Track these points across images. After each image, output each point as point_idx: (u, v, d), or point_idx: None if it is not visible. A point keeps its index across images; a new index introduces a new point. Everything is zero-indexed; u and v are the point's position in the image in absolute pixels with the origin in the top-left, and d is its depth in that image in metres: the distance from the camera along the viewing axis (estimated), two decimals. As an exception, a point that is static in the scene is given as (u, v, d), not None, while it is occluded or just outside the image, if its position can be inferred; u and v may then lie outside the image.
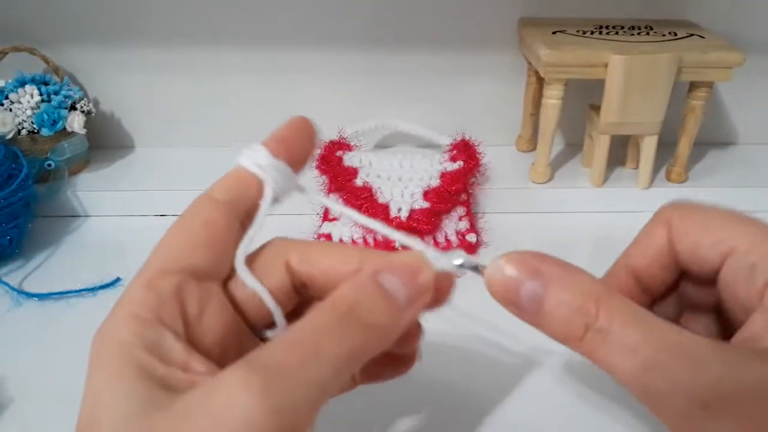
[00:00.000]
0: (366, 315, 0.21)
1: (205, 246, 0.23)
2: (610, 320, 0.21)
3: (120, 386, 0.19)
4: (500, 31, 0.62)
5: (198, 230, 0.23)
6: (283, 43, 0.62)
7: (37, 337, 0.44)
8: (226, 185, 0.24)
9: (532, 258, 0.23)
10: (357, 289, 0.21)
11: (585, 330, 0.21)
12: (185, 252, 0.22)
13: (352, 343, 0.20)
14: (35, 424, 0.37)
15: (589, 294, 0.22)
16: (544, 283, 0.22)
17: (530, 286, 0.22)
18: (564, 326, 0.21)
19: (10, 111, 0.57)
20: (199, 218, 0.23)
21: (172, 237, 0.23)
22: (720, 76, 0.54)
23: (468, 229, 0.53)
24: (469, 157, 0.56)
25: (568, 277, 0.22)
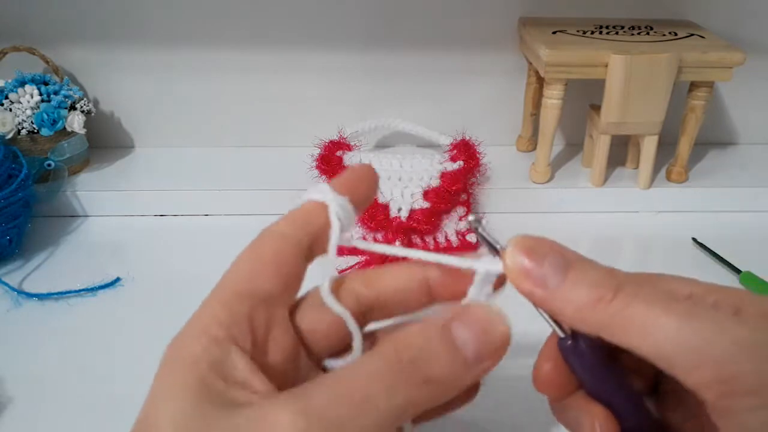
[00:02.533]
0: (428, 368, 0.20)
1: (275, 274, 0.23)
2: (640, 284, 0.21)
3: (178, 395, 0.20)
4: (500, 31, 0.62)
5: (269, 259, 0.23)
6: (283, 43, 0.62)
7: (36, 337, 0.44)
8: (292, 220, 0.25)
9: (549, 240, 0.24)
10: (424, 338, 0.21)
11: (615, 291, 0.21)
12: (257, 278, 0.23)
13: (408, 398, 0.19)
14: (35, 424, 0.37)
15: (612, 270, 0.22)
16: (568, 256, 0.23)
17: (555, 258, 0.22)
18: (593, 289, 0.21)
19: (9, 111, 0.57)
20: (269, 248, 0.24)
21: (244, 263, 0.24)
22: (720, 76, 0.54)
23: (468, 229, 0.53)
24: (469, 157, 0.56)
25: (587, 259, 0.23)
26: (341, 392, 0.19)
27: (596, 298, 0.21)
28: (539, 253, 0.23)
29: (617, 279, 0.21)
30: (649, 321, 0.20)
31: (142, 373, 0.22)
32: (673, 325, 0.20)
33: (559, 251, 0.23)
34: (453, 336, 0.21)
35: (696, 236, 0.54)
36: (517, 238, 0.23)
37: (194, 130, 0.66)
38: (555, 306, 0.22)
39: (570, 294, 0.21)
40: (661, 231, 0.57)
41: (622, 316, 0.20)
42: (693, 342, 0.19)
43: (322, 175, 0.56)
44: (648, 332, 0.20)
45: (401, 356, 0.20)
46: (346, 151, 0.57)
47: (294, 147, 0.62)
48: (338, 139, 0.58)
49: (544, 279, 0.22)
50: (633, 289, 0.21)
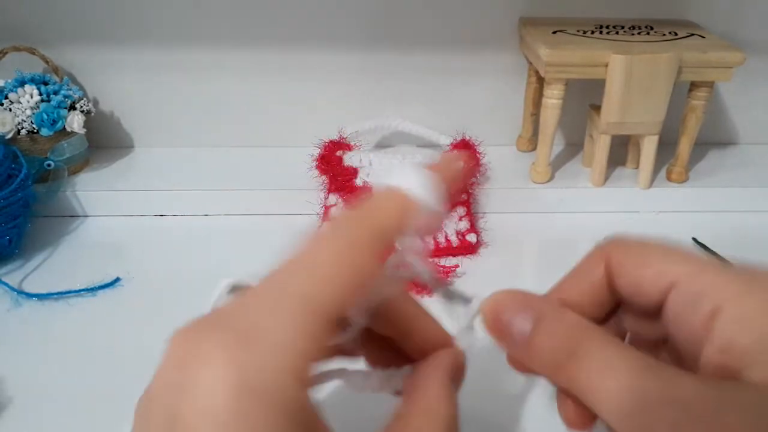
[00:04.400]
0: None
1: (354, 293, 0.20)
2: (594, 346, 0.21)
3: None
4: (500, 30, 0.62)
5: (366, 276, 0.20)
6: (283, 43, 0.62)
7: (36, 337, 0.44)
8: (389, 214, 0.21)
9: (521, 295, 0.24)
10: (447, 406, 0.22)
11: (568, 357, 0.21)
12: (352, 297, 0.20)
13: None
14: (35, 424, 0.37)
15: (576, 326, 0.22)
16: (534, 318, 0.23)
17: (520, 322, 0.23)
18: (551, 355, 0.22)
19: (9, 111, 0.57)
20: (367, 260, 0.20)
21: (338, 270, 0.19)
22: (720, 76, 0.54)
23: (468, 229, 0.53)
24: (469, 157, 0.56)
25: (556, 312, 0.23)
26: None
27: (554, 365, 0.22)
28: (510, 311, 0.23)
29: (575, 341, 0.22)
30: (593, 391, 0.21)
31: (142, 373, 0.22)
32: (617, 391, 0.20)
33: (529, 307, 0.23)
34: None
35: (696, 236, 0.54)
36: (494, 294, 0.24)
37: (194, 130, 0.66)
38: (528, 363, 0.23)
39: (535, 356, 0.22)
40: (661, 231, 0.57)
41: (576, 383, 0.21)
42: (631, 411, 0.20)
43: (322, 174, 0.56)
44: (598, 397, 0.21)
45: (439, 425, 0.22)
46: (346, 151, 0.57)
47: (294, 147, 0.62)
48: (338, 139, 0.58)
49: (515, 339, 0.23)
50: (584, 354, 0.21)
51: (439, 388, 0.23)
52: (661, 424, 0.19)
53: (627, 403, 0.19)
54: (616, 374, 0.20)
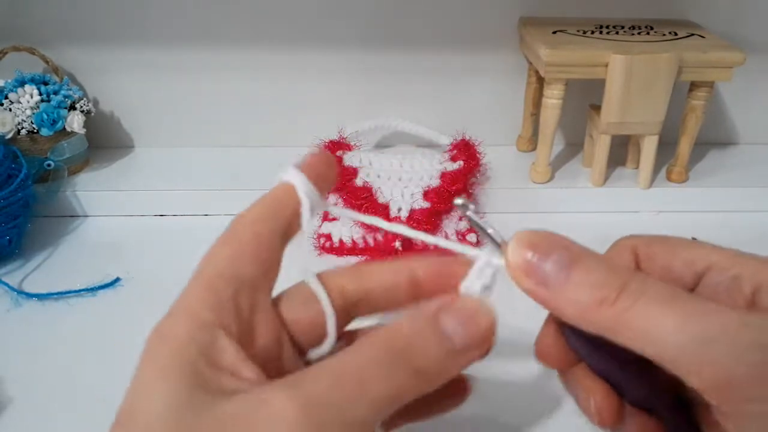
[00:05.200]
0: (418, 358, 0.20)
1: (255, 258, 0.23)
2: (646, 281, 0.20)
3: (163, 383, 0.19)
4: (500, 30, 0.62)
5: (247, 243, 0.23)
6: (283, 43, 0.62)
7: (36, 337, 0.44)
8: (263, 204, 0.25)
9: (554, 234, 0.23)
10: (413, 328, 0.21)
11: (620, 290, 0.20)
12: (238, 262, 0.23)
13: (399, 385, 0.20)
14: (34, 424, 0.37)
15: (619, 264, 0.22)
16: (574, 253, 0.22)
17: (559, 255, 0.22)
18: (595, 290, 0.20)
19: (9, 111, 0.57)
20: (246, 233, 0.24)
21: (222, 248, 0.23)
22: (720, 76, 0.54)
23: (468, 228, 0.53)
24: (469, 157, 0.56)
25: (593, 253, 0.22)
26: (336, 378, 0.19)
27: (599, 300, 0.20)
28: (543, 250, 0.22)
29: (622, 278, 0.20)
30: (650, 323, 0.19)
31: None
32: (674, 328, 0.19)
33: (564, 247, 0.22)
34: (441, 325, 0.21)
35: (696, 236, 0.54)
36: (521, 232, 0.22)
37: (194, 130, 0.66)
38: (557, 307, 0.21)
39: (572, 295, 0.21)
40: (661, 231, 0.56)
41: (624, 319, 0.20)
42: (692, 345, 0.19)
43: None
44: (649, 335, 0.19)
45: (393, 344, 0.20)
46: (346, 151, 0.57)
47: (294, 147, 0.61)
48: (338, 139, 0.58)
49: (547, 278, 0.21)
50: (637, 288, 0.20)
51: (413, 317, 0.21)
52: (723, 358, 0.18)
53: (687, 339, 0.19)
54: (671, 310, 0.19)
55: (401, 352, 0.20)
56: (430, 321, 0.21)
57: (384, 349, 0.20)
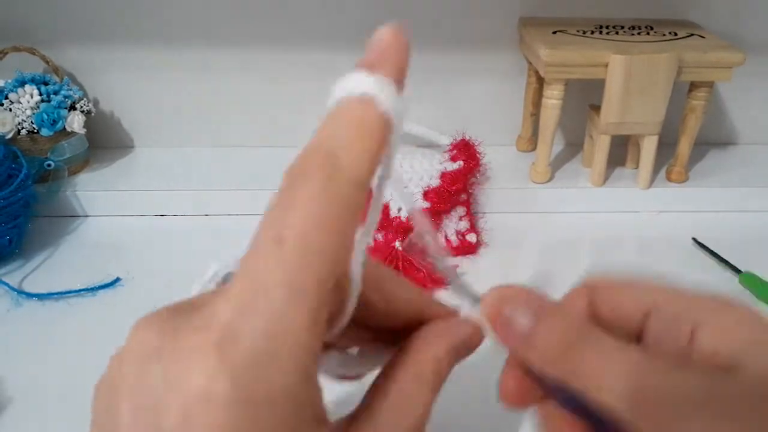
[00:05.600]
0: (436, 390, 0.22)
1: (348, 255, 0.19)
2: (601, 337, 0.22)
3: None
4: (500, 30, 0.62)
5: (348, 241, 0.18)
6: (282, 43, 0.62)
7: (36, 337, 0.44)
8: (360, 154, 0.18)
9: (522, 290, 0.24)
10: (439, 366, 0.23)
11: (576, 341, 0.22)
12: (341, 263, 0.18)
13: None
14: (34, 424, 0.37)
15: (581, 320, 0.23)
16: (535, 311, 0.24)
17: (527, 307, 0.24)
18: (556, 346, 0.23)
19: (9, 111, 0.57)
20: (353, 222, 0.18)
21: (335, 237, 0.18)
22: (720, 76, 0.54)
23: (468, 229, 0.53)
24: (469, 157, 0.56)
25: (558, 308, 0.24)
26: None
27: (558, 355, 0.22)
28: (513, 303, 0.24)
29: (579, 330, 0.22)
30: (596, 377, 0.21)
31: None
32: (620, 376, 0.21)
33: (532, 300, 0.24)
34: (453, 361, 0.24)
35: (696, 236, 0.54)
36: (496, 287, 0.25)
37: (194, 130, 0.66)
38: (527, 355, 0.23)
39: (538, 344, 0.23)
40: (661, 231, 0.57)
41: (578, 371, 0.22)
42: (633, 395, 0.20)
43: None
44: (599, 383, 0.21)
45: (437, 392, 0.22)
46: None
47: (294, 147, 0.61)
48: (338, 139, 0.58)
49: (517, 329, 0.23)
50: (586, 343, 0.22)
51: (413, 380, 0.22)
52: (665, 408, 0.20)
53: (632, 386, 0.20)
54: (620, 361, 0.21)
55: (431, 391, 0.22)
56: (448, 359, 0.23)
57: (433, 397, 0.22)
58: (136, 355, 0.18)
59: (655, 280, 0.25)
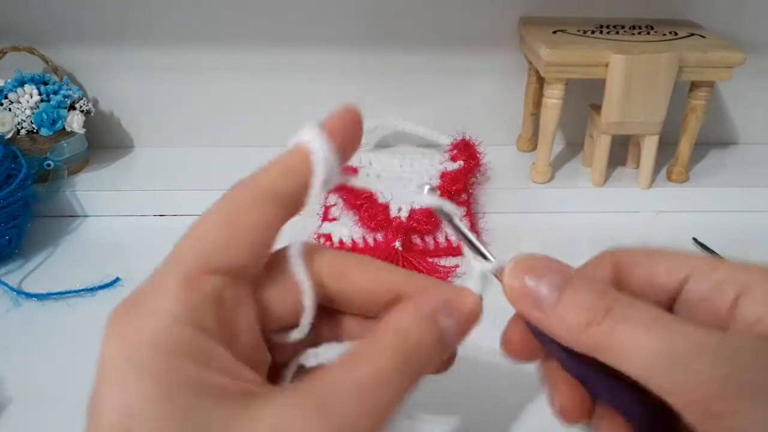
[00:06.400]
0: (424, 364, 0.21)
1: (250, 245, 0.21)
2: (630, 305, 0.21)
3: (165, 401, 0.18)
4: (501, 30, 0.62)
5: (245, 226, 0.21)
6: (283, 43, 0.62)
7: (36, 337, 0.44)
8: (273, 175, 0.22)
9: (548, 258, 0.24)
10: (419, 335, 0.21)
11: (605, 313, 0.21)
12: (227, 247, 0.21)
13: (406, 390, 0.20)
14: (34, 424, 0.37)
15: (608, 285, 0.23)
16: (565, 276, 0.23)
17: (551, 278, 0.23)
18: (584, 312, 0.21)
19: (9, 111, 0.57)
20: (246, 211, 0.21)
21: (212, 226, 0.21)
22: (721, 76, 0.54)
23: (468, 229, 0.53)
24: (469, 157, 0.56)
25: (584, 275, 0.23)
26: (358, 396, 0.19)
27: (586, 322, 0.21)
28: (536, 274, 0.23)
29: (608, 300, 0.22)
30: (632, 345, 0.20)
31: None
32: (652, 350, 0.20)
33: (557, 270, 0.23)
34: (443, 329, 0.22)
35: (697, 236, 0.54)
36: (519, 256, 0.24)
37: (194, 130, 0.66)
38: (549, 327, 0.23)
39: (562, 317, 0.22)
40: (661, 231, 0.57)
41: (609, 340, 0.21)
42: (667, 366, 0.20)
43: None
44: (631, 356, 0.21)
45: (404, 353, 0.21)
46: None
47: (294, 147, 0.61)
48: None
49: (540, 301, 0.23)
50: (621, 312, 0.21)
51: (412, 312, 0.22)
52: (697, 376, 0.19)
53: (665, 359, 0.20)
54: (651, 332, 0.20)
55: (410, 360, 0.21)
56: (431, 324, 0.22)
57: (396, 358, 0.20)
58: None
59: (682, 251, 0.24)
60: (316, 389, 0.19)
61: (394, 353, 0.20)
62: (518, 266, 0.23)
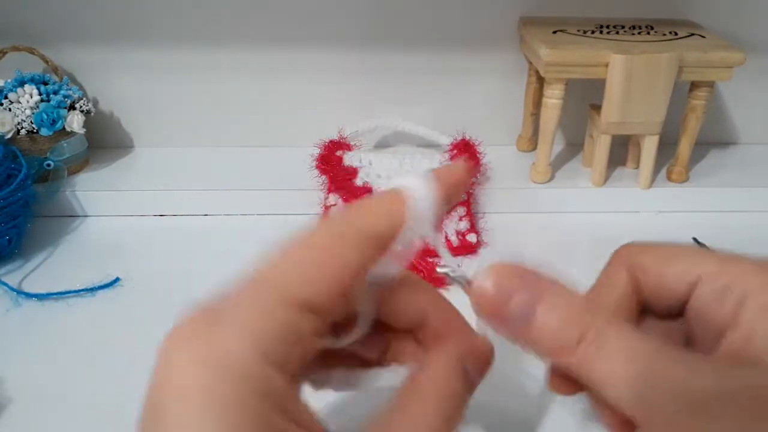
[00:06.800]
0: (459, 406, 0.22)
1: (339, 284, 0.20)
2: (607, 329, 0.21)
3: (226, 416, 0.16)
4: (501, 30, 0.62)
5: (337, 264, 0.20)
6: (283, 43, 0.62)
7: (36, 337, 0.44)
8: (375, 213, 0.21)
9: (521, 269, 0.22)
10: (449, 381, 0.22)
11: (579, 339, 0.21)
12: (319, 284, 0.19)
13: None
14: (34, 424, 0.37)
15: (583, 305, 0.22)
16: (537, 293, 0.22)
17: (522, 297, 0.22)
18: (557, 335, 0.21)
19: (9, 111, 0.57)
20: (343, 256, 0.20)
21: (304, 259, 0.20)
22: (721, 76, 0.54)
23: (468, 229, 0.53)
24: (469, 157, 0.56)
25: (560, 289, 0.22)
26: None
27: (560, 346, 0.21)
28: (506, 292, 0.22)
29: (580, 327, 0.21)
30: (604, 373, 0.20)
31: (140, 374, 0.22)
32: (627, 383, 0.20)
33: (528, 284, 0.22)
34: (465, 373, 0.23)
35: (697, 236, 0.54)
36: (487, 268, 0.22)
37: (194, 130, 0.66)
38: (525, 344, 0.22)
39: (537, 339, 0.22)
40: (661, 231, 0.57)
41: (585, 366, 0.21)
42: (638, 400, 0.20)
43: (322, 174, 0.56)
44: (604, 383, 0.21)
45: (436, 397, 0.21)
46: (346, 151, 0.57)
47: (294, 147, 0.61)
48: (338, 139, 0.58)
49: (512, 320, 0.22)
50: (595, 337, 0.21)
51: (445, 364, 0.22)
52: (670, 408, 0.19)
53: (640, 388, 0.20)
54: (628, 359, 0.20)
55: (439, 402, 0.21)
56: (460, 371, 0.22)
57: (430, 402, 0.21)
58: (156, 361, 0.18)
59: (699, 249, 0.24)
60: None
61: (437, 403, 0.21)
62: (486, 279, 0.22)
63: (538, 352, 0.22)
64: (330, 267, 0.20)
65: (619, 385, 0.20)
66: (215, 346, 0.17)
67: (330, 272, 0.19)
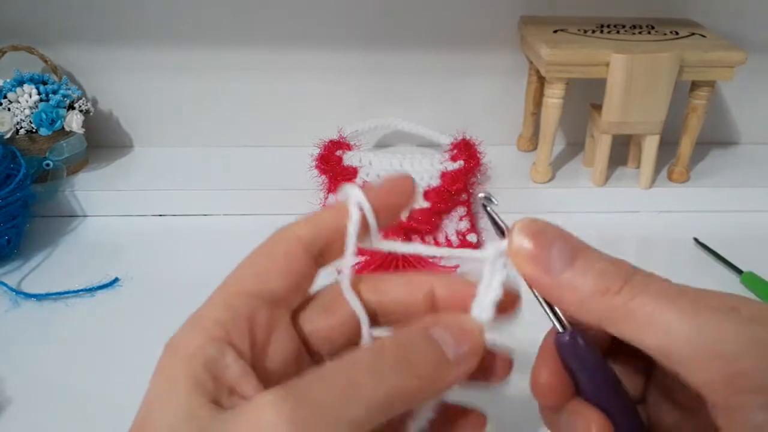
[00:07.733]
0: (411, 360, 0.20)
1: (284, 275, 0.23)
2: (650, 275, 0.21)
3: (173, 397, 0.19)
4: (501, 30, 0.62)
5: (279, 258, 0.23)
6: (282, 43, 0.62)
7: (35, 337, 0.44)
8: (310, 221, 0.24)
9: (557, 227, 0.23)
10: (406, 336, 0.21)
11: (624, 281, 0.20)
12: (264, 277, 0.23)
13: (391, 387, 0.20)
14: (34, 424, 0.37)
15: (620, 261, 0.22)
16: (577, 243, 0.22)
17: (562, 244, 0.22)
18: (599, 278, 0.21)
19: (8, 110, 0.57)
20: (281, 248, 0.23)
21: (253, 261, 0.23)
22: (722, 76, 0.54)
23: (468, 229, 0.53)
24: (469, 157, 0.56)
25: (595, 250, 0.22)
26: (325, 380, 0.19)
27: (602, 288, 0.20)
28: (547, 238, 0.22)
29: (625, 270, 0.21)
30: (655, 315, 0.20)
31: (140, 374, 0.22)
32: (680, 320, 0.19)
33: (568, 238, 0.22)
34: (432, 334, 0.21)
35: (697, 236, 0.54)
36: (525, 220, 0.23)
37: (194, 130, 0.66)
38: (558, 293, 0.22)
39: (575, 282, 0.21)
40: (662, 231, 0.57)
41: (628, 308, 0.20)
42: (700, 338, 0.19)
43: (322, 174, 0.56)
44: (653, 326, 0.20)
45: (386, 350, 0.20)
46: (346, 151, 0.57)
47: (294, 147, 0.61)
48: (338, 138, 0.58)
49: (549, 264, 0.21)
50: (641, 281, 0.20)
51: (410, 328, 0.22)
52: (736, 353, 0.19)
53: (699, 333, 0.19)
54: (675, 304, 0.19)
55: (394, 357, 0.20)
56: (421, 330, 0.22)
57: (377, 354, 0.20)
58: None
59: None
60: (286, 384, 0.19)
61: (372, 350, 0.21)
62: (525, 230, 0.22)
63: (571, 300, 0.21)
64: (269, 262, 0.23)
65: (674, 329, 0.19)
66: (174, 340, 0.21)
67: (269, 265, 0.23)
